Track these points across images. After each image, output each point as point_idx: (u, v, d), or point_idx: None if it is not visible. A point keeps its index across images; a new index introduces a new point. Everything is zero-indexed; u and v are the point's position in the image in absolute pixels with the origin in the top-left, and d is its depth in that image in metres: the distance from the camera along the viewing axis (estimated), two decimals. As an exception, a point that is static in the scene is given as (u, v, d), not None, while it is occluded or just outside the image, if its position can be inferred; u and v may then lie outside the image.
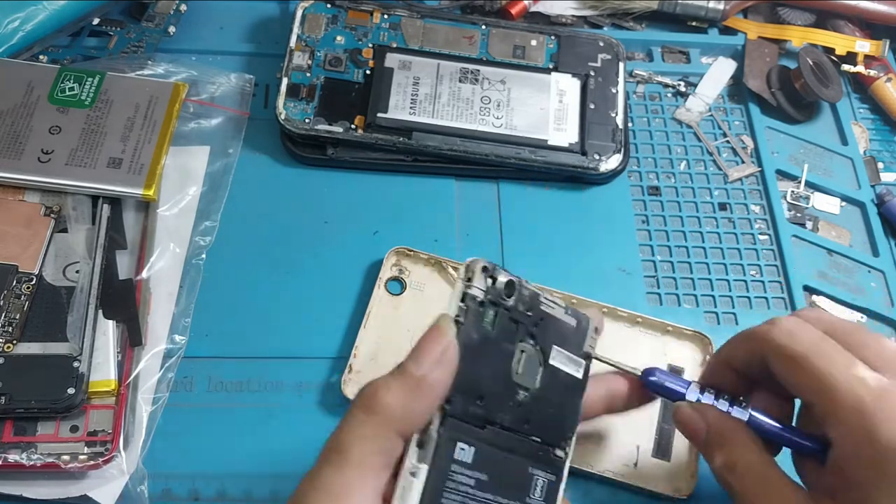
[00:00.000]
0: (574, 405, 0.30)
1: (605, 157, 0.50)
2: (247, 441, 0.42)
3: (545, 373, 0.29)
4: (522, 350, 0.29)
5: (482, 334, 0.27)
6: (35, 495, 0.38)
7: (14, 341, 0.40)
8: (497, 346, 0.28)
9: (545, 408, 0.29)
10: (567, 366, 0.30)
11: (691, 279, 0.49)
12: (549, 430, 0.29)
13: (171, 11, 0.55)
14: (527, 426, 0.28)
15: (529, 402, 0.29)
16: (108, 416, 0.40)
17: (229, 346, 0.44)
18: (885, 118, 0.57)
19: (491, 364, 0.28)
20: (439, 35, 0.53)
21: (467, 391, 0.27)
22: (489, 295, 0.27)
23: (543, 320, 0.29)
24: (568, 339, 0.30)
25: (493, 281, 0.28)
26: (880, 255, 0.51)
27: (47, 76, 0.48)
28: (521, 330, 0.28)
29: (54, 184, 0.45)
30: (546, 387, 0.29)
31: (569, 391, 0.30)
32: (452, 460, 0.27)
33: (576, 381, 0.30)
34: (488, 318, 0.28)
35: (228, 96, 0.52)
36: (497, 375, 0.28)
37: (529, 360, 0.29)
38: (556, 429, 0.29)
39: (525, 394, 0.29)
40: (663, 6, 0.58)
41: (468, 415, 0.27)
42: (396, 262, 0.47)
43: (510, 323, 0.28)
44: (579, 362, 0.30)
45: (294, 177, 0.50)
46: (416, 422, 0.27)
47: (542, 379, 0.29)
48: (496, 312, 0.28)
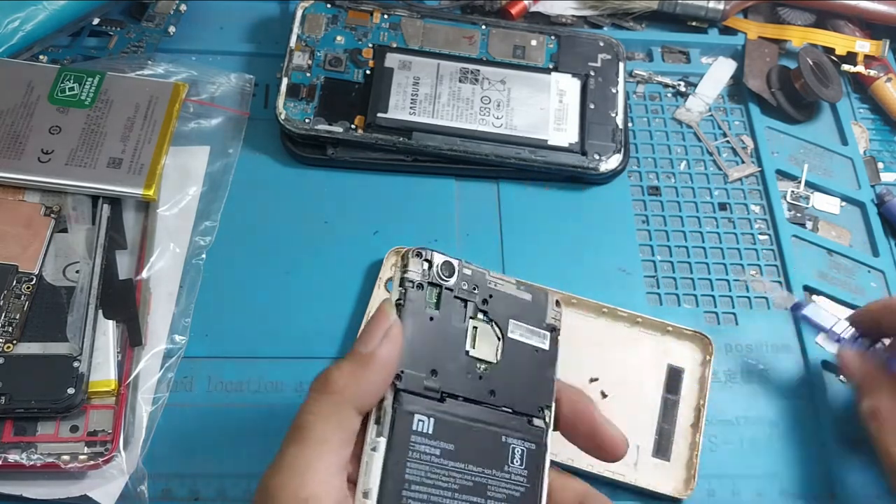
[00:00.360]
0: (545, 375, 0.31)
1: (605, 157, 0.50)
2: (247, 441, 0.42)
3: (505, 346, 0.30)
4: (475, 326, 0.30)
5: (426, 313, 0.29)
6: (35, 495, 0.38)
7: (14, 341, 0.40)
8: (446, 323, 0.30)
9: (512, 379, 0.30)
10: (529, 338, 0.31)
11: (691, 279, 0.49)
12: (520, 400, 0.30)
13: (171, 11, 0.55)
14: (493, 397, 0.30)
15: (492, 374, 0.30)
16: (108, 416, 0.40)
17: (229, 346, 0.44)
18: (885, 118, 0.57)
19: (441, 340, 0.30)
20: (439, 35, 0.53)
21: (418, 366, 0.29)
22: (427, 277, 0.30)
23: (493, 296, 0.31)
24: (525, 313, 0.31)
25: (430, 264, 0.30)
26: (880, 255, 0.51)
27: (47, 76, 0.48)
28: (469, 307, 0.30)
29: (54, 184, 0.45)
30: (509, 359, 0.30)
31: (537, 362, 0.31)
32: (412, 432, 0.28)
33: (543, 352, 0.31)
34: (431, 298, 0.30)
35: (228, 96, 0.52)
36: (450, 350, 0.30)
37: (484, 335, 0.30)
38: (529, 398, 0.30)
39: (485, 366, 0.30)
40: (663, 6, 0.58)
41: (423, 388, 0.29)
42: (396, 262, 0.47)
43: (456, 301, 0.30)
44: (543, 334, 0.31)
45: (294, 177, 0.50)
46: (370, 398, 0.29)
47: (503, 352, 0.30)
48: (439, 293, 0.30)
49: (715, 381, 0.46)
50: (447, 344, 0.30)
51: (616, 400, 0.44)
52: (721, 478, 0.43)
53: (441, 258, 0.31)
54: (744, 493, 0.43)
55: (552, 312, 0.32)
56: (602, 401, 0.44)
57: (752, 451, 0.44)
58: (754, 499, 0.43)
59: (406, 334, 0.29)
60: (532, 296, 0.32)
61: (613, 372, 0.45)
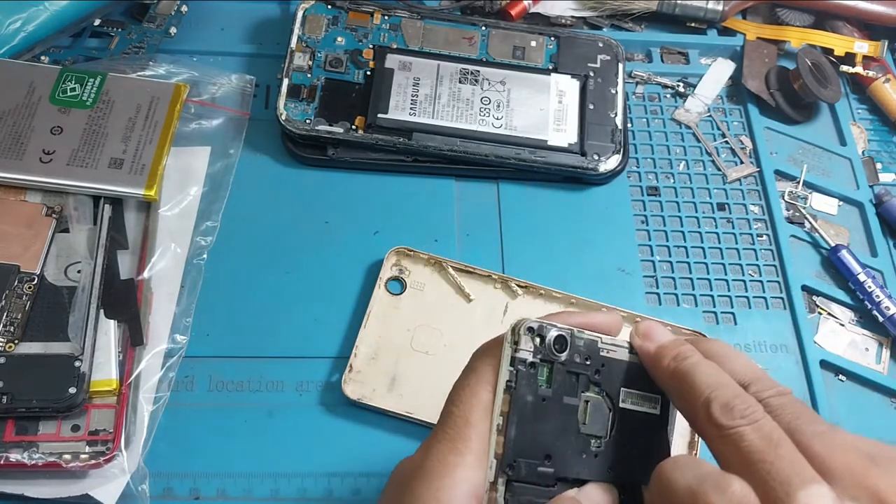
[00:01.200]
0: (659, 441, 0.29)
1: (605, 158, 0.50)
2: (247, 441, 0.42)
3: (617, 417, 0.28)
4: (587, 400, 0.28)
5: (538, 394, 0.27)
6: (37, 494, 0.39)
7: (16, 341, 0.40)
8: (558, 402, 0.28)
9: (627, 451, 0.28)
10: (641, 405, 0.29)
11: (690, 279, 0.49)
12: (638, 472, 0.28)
13: (172, 12, 0.55)
14: (610, 473, 0.28)
15: (607, 449, 0.28)
16: (109, 415, 0.40)
17: (230, 345, 0.44)
18: (883, 119, 0.58)
19: (554, 421, 0.27)
20: (439, 36, 0.53)
21: (531, 453, 0.27)
22: (539, 354, 0.27)
23: (605, 366, 0.29)
24: (637, 378, 0.29)
25: (542, 339, 0.27)
26: (878, 255, 0.51)
27: (49, 77, 0.48)
28: (581, 380, 0.28)
29: (56, 184, 0.45)
30: (622, 430, 0.29)
31: (649, 429, 0.29)
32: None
33: (654, 417, 0.29)
34: (543, 375, 0.28)
35: (229, 97, 0.52)
36: (563, 431, 0.28)
37: (596, 409, 0.28)
38: (644, 467, 0.28)
39: (598, 442, 0.28)
40: (662, 7, 0.58)
41: (536, 476, 0.27)
42: (396, 262, 0.47)
43: (569, 376, 0.28)
44: (654, 398, 0.29)
45: (294, 177, 0.50)
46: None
47: (615, 424, 0.28)
48: (551, 369, 0.28)
49: (714, 381, 0.46)
50: (559, 423, 0.28)
51: (615, 399, 0.44)
52: (720, 477, 0.43)
53: (554, 332, 0.28)
54: (742, 492, 0.43)
55: None
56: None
57: (751, 451, 0.44)
58: (753, 498, 0.43)
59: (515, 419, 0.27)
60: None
61: (613, 371, 0.45)
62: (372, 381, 0.43)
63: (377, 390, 0.43)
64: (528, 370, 0.27)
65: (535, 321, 0.27)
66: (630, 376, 0.29)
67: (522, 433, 0.27)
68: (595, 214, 0.51)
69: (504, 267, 0.48)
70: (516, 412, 0.26)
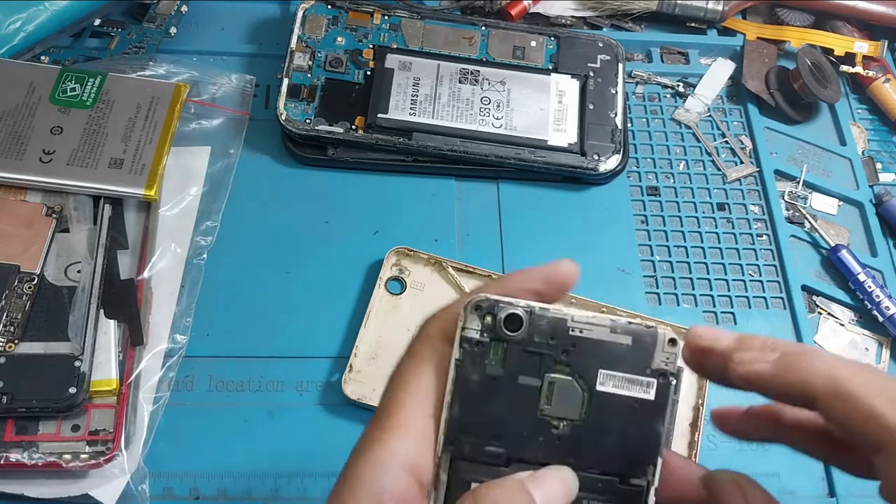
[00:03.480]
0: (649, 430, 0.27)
1: (605, 158, 0.50)
2: (247, 440, 0.42)
3: (592, 400, 0.27)
4: (552, 381, 0.27)
5: (486, 373, 0.27)
6: (37, 494, 0.39)
7: (16, 341, 0.40)
8: (512, 382, 0.27)
9: (600, 437, 0.27)
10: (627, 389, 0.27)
11: (690, 279, 0.49)
12: (612, 461, 0.27)
13: (172, 12, 0.55)
14: (573, 460, 0.27)
15: (573, 435, 0.27)
16: (109, 415, 0.40)
17: (230, 345, 0.44)
18: (883, 118, 0.58)
19: (506, 401, 0.27)
20: (439, 36, 0.53)
21: (478, 432, 0.26)
22: (489, 333, 0.27)
23: (576, 346, 0.27)
24: (622, 360, 0.27)
25: (494, 318, 0.27)
26: (878, 255, 0.51)
27: (49, 77, 0.48)
28: (546, 361, 0.27)
29: (56, 184, 0.45)
30: (598, 415, 0.27)
31: (637, 416, 0.27)
32: None
33: (646, 403, 0.27)
34: (496, 354, 0.27)
35: (229, 97, 0.52)
36: (517, 411, 0.27)
37: (564, 390, 0.27)
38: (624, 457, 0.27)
39: (564, 425, 0.27)
40: (662, 7, 0.58)
41: (483, 455, 0.26)
42: (396, 261, 0.47)
43: (527, 356, 0.27)
44: (647, 382, 0.27)
45: (295, 177, 0.50)
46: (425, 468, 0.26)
47: (589, 408, 0.27)
48: (504, 349, 0.27)
49: (714, 381, 0.46)
50: (514, 405, 0.27)
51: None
52: (720, 477, 0.43)
53: (507, 311, 0.26)
54: (742, 492, 0.43)
55: (662, 355, 0.27)
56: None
57: (751, 451, 0.44)
58: (753, 498, 0.43)
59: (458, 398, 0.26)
60: (633, 338, 0.27)
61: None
62: (372, 381, 0.43)
63: (377, 390, 0.43)
64: (475, 349, 0.27)
65: (486, 298, 0.27)
66: (611, 357, 0.27)
67: (467, 412, 0.26)
68: (595, 214, 0.51)
69: (504, 267, 0.48)
70: (461, 390, 0.26)
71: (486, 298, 0.26)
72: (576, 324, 0.27)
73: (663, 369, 0.27)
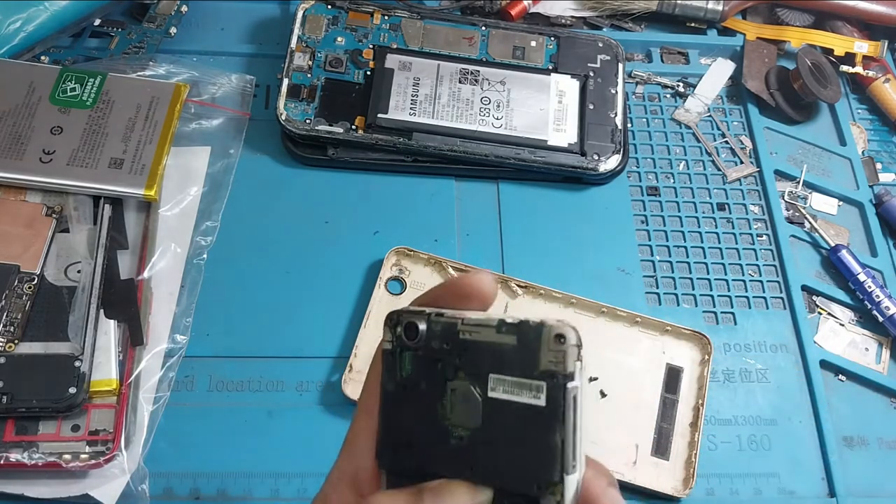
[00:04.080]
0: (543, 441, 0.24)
1: (605, 158, 0.50)
2: (247, 440, 0.42)
3: (486, 408, 0.25)
4: (452, 389, 0.25)
5: (398, 382, 0.26)
6: (37, 494, 0.39)
7: (16, 341, 0.40)
8: (420, 391, 0.25)
9: (496, 448, 0.24)
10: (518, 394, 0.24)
11: (690, 279, 0.49)
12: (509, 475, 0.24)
13: (172, 12, 0.55)
14: (470, 472, 0.25)
15: (472, 445, 0.25)
16: (109, 415, 0.40)
17: (230, 345, 0.44)
18: (883, 119, 0.58)
19: (414, 409, 0.26)
20: (439, 36, 0.53)
21: (395, 442, 0.26)
22: (397, 343, 0.26)
23: (467, 349, 0.25)
24: (510, 362, 0.25)
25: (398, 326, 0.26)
26: (878, 255, 0.51)
27: (49, 77, 0.48)
28: (447, 367, 0.25)
29: (56, 184, 0.45)
30: (493, 424, 0.25)
31: (529, 424, 0.24)
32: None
33: (537, 409, 0.24)
34: (406, 364, 0.26)
35: (229, 97, 0.52)
36: (422, 420, 0.25)
37: (463, 398, 0.25)
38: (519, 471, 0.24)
39: (463, 434, 0.25)
40: (662, 7, 0.58)
41: (401, 466, 0.25)
42: (396, 261, 0.47)
43: (432, 363, 0.25)
44: (535, 386, 0.24)
45: (295, 177, 0.50)
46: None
47: (484, 416, 0.25)
48: (412, 358, 0.26)
49: (713, 381, 0.46)
50: (419, 413, 0.25)
51: (615, 399, 0.44)
52: (720, 477, 0.43)
53: (406, 318, 0.25)
54: (742, 492, 0.43)
55: (549, 355, 0.24)
56: (601, 400, 0.44)
57: (751, 451, 0.44)
58: (753, 498, 0.43)
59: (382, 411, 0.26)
60: (518, 337, 0.25)
61: (612, 371, 0.45)
62: (372, 381, 0.43)
63: (377, 390, 0.43)
64: (389, 359, 0.26)
65: (395, 310, 0.26)
66: (501, 360, 0.25)
67: (386, 422, 0.26)
68: (595, 214, 0.51)
69: (504, 267, 0.48)
70: (383, 403, 0.26)
71: (395, 310, 0.26)
72: (465, 327, 0.25)
73: (552, 370, 0.24)
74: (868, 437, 0.45)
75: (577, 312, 0.46)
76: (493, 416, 0.25)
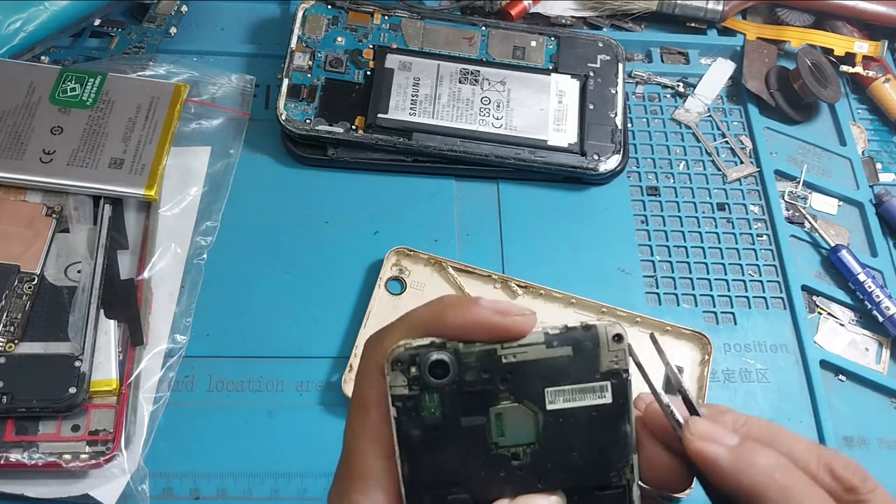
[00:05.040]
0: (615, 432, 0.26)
1: (605, 158, 0.50)
2: (247, 440, 0.42)
3: (546, 420, 0.26)
4: (498, 413, 0.26)
5: (427, 424, 0.25)
6: (37, 494, 0.39)
7: (16, 341, 0.40)
8: (455, 426, 0.25)
9: (564, 454, 0.26)
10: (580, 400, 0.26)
11: (690, 279, 0.49)
12: (581, 473, 0.26)
13: (172, 12, 0.55)
14: (544, 483, 0.26)
15: (535, 459, 0.26)
16: (109, 415, 0.40)
17: (230, 345, 0.44)
18: (883, 119, 0.58)
19: (456, 446, 0.25)
20: (439, 36, 0.53)
21: (435, 485, 0.25)
22: (417, 385, 0.25)
23: (513, 373, 0.25)
24: (568, 371, 0.26)
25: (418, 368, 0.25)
26: (878, 255, 0.51)
27: (49, 77, 0.48)
28: (487, 395, 0.25)
29: (56, 184, 0.45)
30: (555, 434, 0.26)
31: (598, 423, 0.26)
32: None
33: (605, 407, 0.26)
34: (431, 403, 0.25)
35: (229, 97, 0.52)
36: (470, 453, 0.25)
37: (513, 419, 0.26)
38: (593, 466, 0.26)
39: (524, 452, 0.26)
40: (662, 7, 0.58)
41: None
42: (396, 261, 0.47)
43: (465, 396, 0.25)
44: (599, 387, 0.26)
45: (295, 177, 0.50)
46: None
47: (543, 428, 0.26)
48: (439, 396, 0.25)
49: (713, 381, 0.46)
50: (464, 449, 0.25)
51: (615, 399, 0.44)
52: (720, 477, 0.43)
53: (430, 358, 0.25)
54: (742, 492, 0.43)
55: (609, 355, 0.26)
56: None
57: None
58: (753, 498, 0.43)
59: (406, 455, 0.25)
60: (574, 346, 0.26)
61: (613, 371, 0.45)
62: (372, 381, 0.43)
63: (377, 390, 0.43)
64: (407, 404, 0.25)
65: (406, 350, 0.25)
66: (555, 372, 0.25)
67: (418, 468, 0.25)
68: (595, 214, 0.51)
69: (504, 267, 0.48)
70: (405, 448, 0.25)
71: (403, 351, 0.25)
72: (506, 350, 0.25)
73: (614, 369, 0.26)
74: (868, 437, 0.45)
75: (577, 312, 0.46)
76: (555, 427, 0.25)
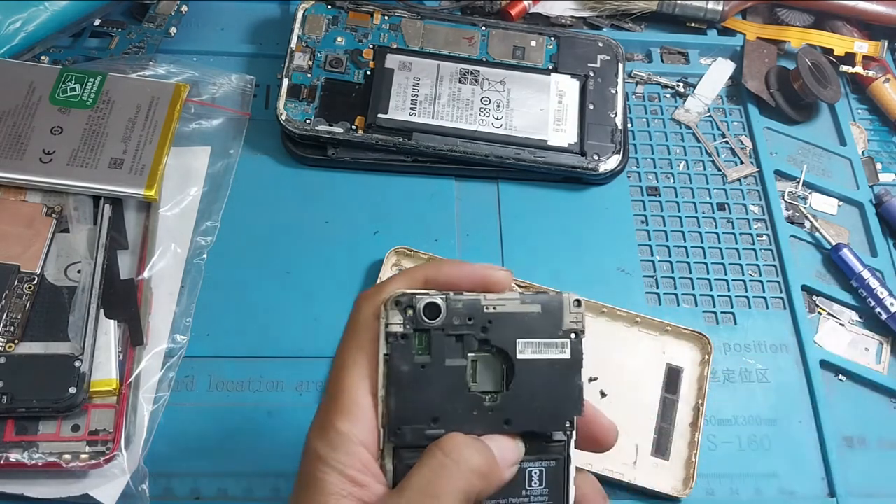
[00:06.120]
0: (570, 384, 0.29)
1: (605, 158, 0.50)
2: (247, 440, 0.42)
3: (515, 369, 0.29)
4: (475, 359, 0.29)
5: (415, 362, 0.28)
6: (37, 494, 0.39)
7: (16, 341, 0.40)
8: (440, 366, 0.28)
9: (528, 401, 0.29)
10: (544, 352, 0.29)
11: (690, 279, 0.49)
12: (540, 420, 0.29)
13: (172, 12, 0.55)
14: (508, 426, 0.29)
15: (504, 403, 0.29)
16: (109, 415, 0.40)
17: (230, 345, 0.44)
18: (883, 119, 0.58)
19: (438, 385, 0.28)
20: (439, 36, 0.53)
21: (417, 419, 0.28)
22: (411, 325, 0.28)
23: (492, 322, 0.29)
24: (536, 327, 0.29)
25: (413, 310, 0.28)
26: (878, 255, 0.51)
27: (49, 77, 0.48)
28: (468, 341, 0.29)
29: (56, 184, 0.45)
30: (522, 382, 0.29)
31: (557, 374, 0.29)
32: None
33: (563, 361, 0.29)
34: (421, 344, 0.28)
35: (229, 97, 0.52)
36: (450, 393, 0.28)
37: (487, 366, 0.29)
38: (551, 415, 0.29)
39: (494, 397, 0.29)
40: (662, 7, 0.58)
41: (425, 438, 0.28)
42: (396, 262, 0.47)
43: (450, 339, 0.29)
44: (561, 343, 0.30)
45: (295, 177, 0.50)
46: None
47: (513, 376, 0.29)
48: (428, 338, 0.28)
49: (713, 381, 0.46)
50: (445, 387, 0.28)
51: (615, 399, 0.44)
52: (720, 477, 0.43)
53: (424, 300, 0.28)
54: (742, 493, 0.43)
55: (570, 316, 0.30)
56: (601, 400, 0.44)
57: (751, 451, 0.44)
58: (753, 498, 0.43)
59: (393, 390, 0.28)
60: (542, 305, 0.30)
61: (612, 371, 0.45)
62: (372, 381, 0.43)
63: (377, 390, 0.43)
64: (401, 342, 0.28)
65: (404, 293, 0.28)
66: (526, 325, 0.29)
67: (403, 402, 0.28)
68: (595, 214, 0.51)
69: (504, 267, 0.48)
70: (394, 383, 0.28)
71: (403, 293, 0.28)
72: (489, 302, 0.29)
73: (573, 328, 0.30)
74: (868, 437, 0.45)
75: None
76: (522, 376, 0.29)
